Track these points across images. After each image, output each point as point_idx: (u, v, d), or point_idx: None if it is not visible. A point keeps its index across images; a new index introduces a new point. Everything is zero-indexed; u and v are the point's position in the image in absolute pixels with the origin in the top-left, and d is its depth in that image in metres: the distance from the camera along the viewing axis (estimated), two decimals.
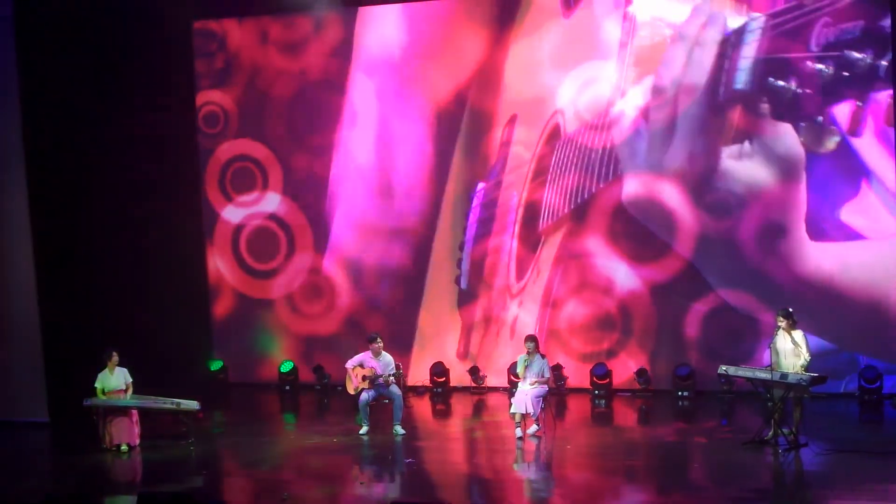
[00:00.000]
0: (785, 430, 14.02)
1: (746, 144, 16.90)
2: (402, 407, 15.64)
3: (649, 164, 17.42)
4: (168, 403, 15.32)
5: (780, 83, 16.63)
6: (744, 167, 16.95)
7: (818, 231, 16.56)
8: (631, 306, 17.75)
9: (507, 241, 18.32)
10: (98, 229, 17.48)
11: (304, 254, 19.34)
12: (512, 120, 18.23)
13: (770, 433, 14.15)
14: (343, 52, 18.84)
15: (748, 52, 16.76)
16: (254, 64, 19.29)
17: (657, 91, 17.31)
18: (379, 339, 15.64)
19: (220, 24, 19.41)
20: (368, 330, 16.95)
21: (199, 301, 19.53)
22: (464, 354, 18.61)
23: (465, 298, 18.60)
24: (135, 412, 15.29)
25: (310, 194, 19.24)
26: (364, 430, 15.60)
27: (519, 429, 15.05)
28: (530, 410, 14.90)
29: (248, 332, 19.62)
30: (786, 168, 16.53)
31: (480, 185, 18.46)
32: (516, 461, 14.59)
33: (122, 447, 15.11)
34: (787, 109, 16.65)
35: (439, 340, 18.77)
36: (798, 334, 14.10)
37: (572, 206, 17.90)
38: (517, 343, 17.27)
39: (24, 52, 16.63)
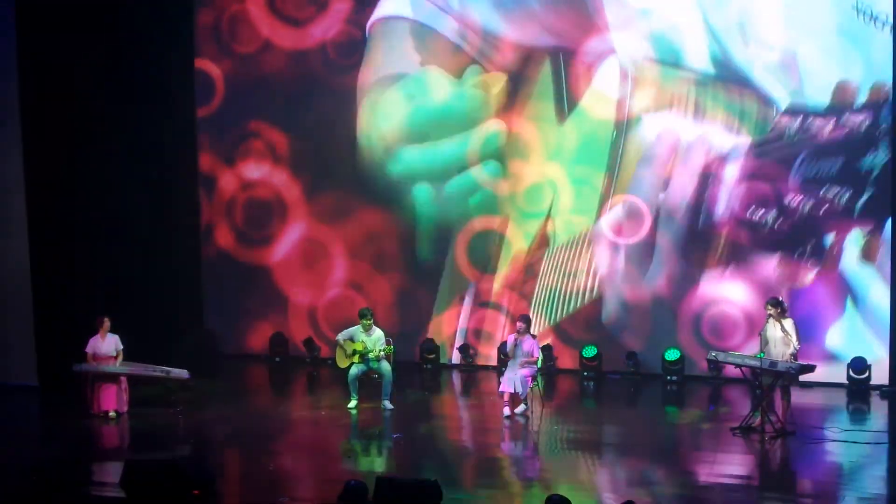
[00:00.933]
0: (772, 418, 14.05)
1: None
2: (392, 382, 15.63)
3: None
4: (157, 371, 15.34)
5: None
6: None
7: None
8: (623, 290, 17.76)
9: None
10: (92, 195, 17.42)
11: (299, 224, 19.30)
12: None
13: (757, 420, 14.18)
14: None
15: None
16: (251, 35, 19.21)
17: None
18: (370, 314, 15.66)
19: None
20: (361, 304, 17.03)
21: (191, 270, 19.45)
22: (457, 332, 18.62)
23: (461, 283, 18.66)
24: (124, 379, 15.29)
25: (306, 165, 19.20)
26: (352, 403, 15.59)
27: (507, 408, 15.06)
28: (519, 390, 14.90)
29: (239, 302, 19.60)
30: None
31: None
32: (503, 440, 14.65)
33: (111, 413, 15.13)
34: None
35: (432, 317, 18.77)
36: (788, 323, 14.13)
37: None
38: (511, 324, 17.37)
39: (22, 17, 16.60)
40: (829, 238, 16.65)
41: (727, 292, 17.17)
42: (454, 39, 18.16)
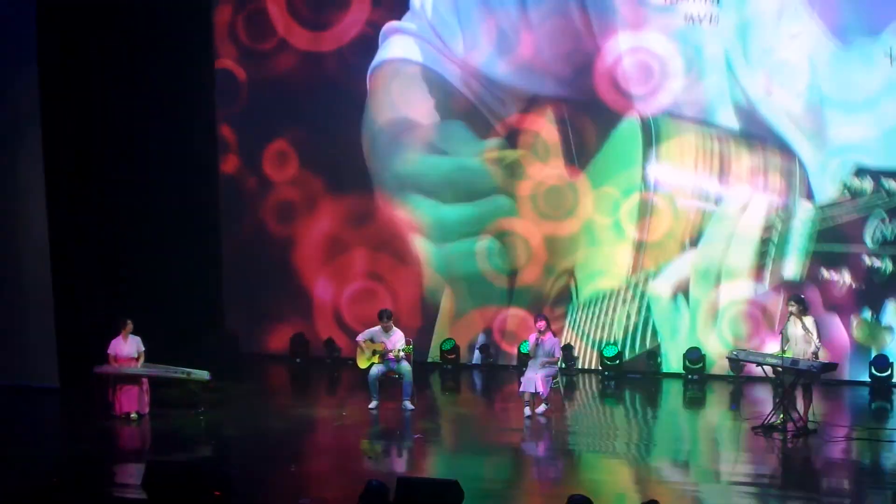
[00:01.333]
0: (794, 416, 14.02)
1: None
2: (412, 382, 15.64)
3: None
4: (178, 373, 15.36)
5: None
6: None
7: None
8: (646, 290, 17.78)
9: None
10: (112, 196, 17.49)
11: (321, 223, 19.28)
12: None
13: (779, 419, 14.15)
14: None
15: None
16: (270, 33, 19.26)
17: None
18: (390, 315, 15.72)
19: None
20: (383, 303, 17.15)
21: (212, 270, 19.45)
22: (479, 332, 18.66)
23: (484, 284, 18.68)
24: (145, 381, 15.35)
25: (328, 164, 19.19)
26: (373, 404, 15.64)
27: (528, 408, 15.07)
28: (539, 390, 14.88)
29: (260, 302, 19.62)
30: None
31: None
32: (524, 440, 14.67)
33: (132, 415, 15.18)
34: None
35: (453, 317, 18.76)
36: (809, 320, 14.11)
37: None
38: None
39: (42, 15, 16.62)
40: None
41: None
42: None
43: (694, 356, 17.29)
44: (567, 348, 17.65)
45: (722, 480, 12.84)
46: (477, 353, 18.54)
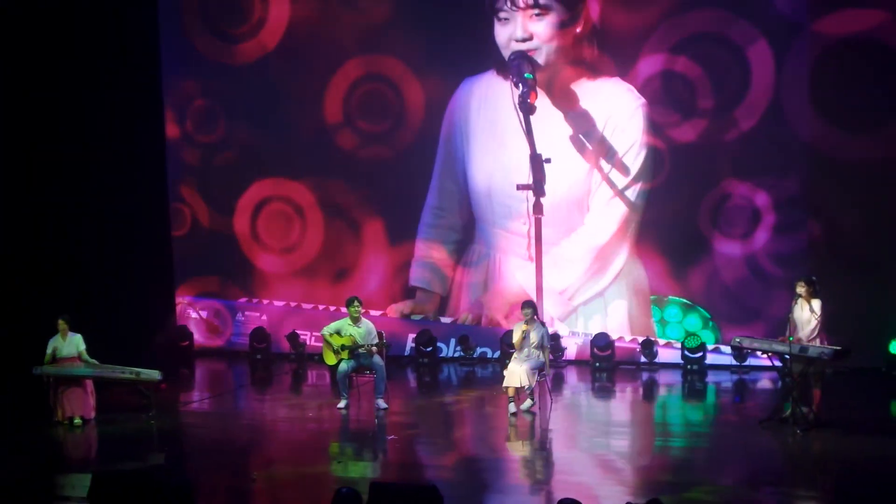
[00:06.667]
0: (804, 409, 13.95)
1: None
2: (385, 379, 15.56)
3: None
4: (126, 373, 15.24)
5: None
6: None
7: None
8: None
9: None
10: (57, 190, 17.58)
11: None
12: None
13: (788, 411, 14.08)
14: None
15: None
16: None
17: None
18: (357, 303, 15.54)
19: None
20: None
21: (161, 261, 19.47)
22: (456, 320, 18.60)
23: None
24: (89, 382, 15.23)
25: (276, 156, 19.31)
26: (342, 403, 15.57)
27: (512, 404, 15.00)
28: (525, 384, 14.80)
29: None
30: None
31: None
32: (509, 439, 14.55)
33: (76, 420, 15.08)
34: None
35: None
36: (816, 303, 13.93)
37: None
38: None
39: None
40: None
41: None
42: None
43: (693, 344, 17.32)
44: (554, 338, 17.59)
45: (725, 481, 12.77)
46: (455, 344, 18.49)
